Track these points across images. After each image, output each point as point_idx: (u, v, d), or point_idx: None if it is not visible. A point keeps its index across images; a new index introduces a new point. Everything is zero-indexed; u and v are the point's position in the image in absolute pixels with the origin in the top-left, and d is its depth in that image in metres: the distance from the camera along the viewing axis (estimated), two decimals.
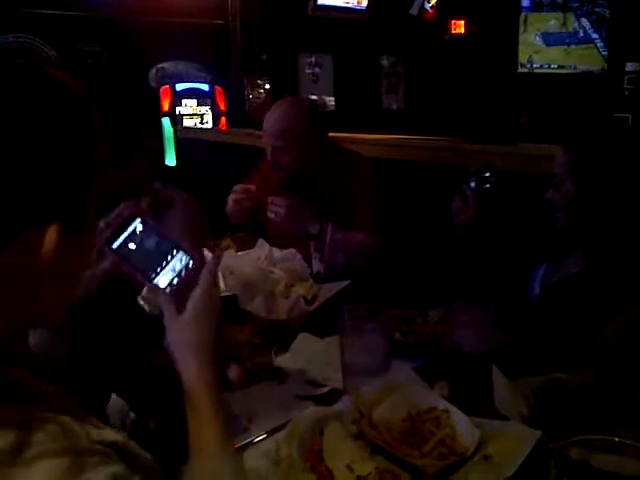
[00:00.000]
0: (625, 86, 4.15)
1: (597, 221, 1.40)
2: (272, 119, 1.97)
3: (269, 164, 2.01)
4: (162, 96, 4.80)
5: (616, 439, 0.78)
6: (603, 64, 6.60)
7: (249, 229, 2.07)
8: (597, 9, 6.54)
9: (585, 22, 6.62)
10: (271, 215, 1.90)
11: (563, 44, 6.59)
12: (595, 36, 6.62)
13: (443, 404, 1.03)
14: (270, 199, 1.91)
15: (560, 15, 6.54)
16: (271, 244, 1.79)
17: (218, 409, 0.75)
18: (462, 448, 0.94)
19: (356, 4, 5.25)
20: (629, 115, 4.03)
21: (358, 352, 1.18)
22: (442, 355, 1.15)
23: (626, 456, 0.78)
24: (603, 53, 6.61)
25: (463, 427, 0.97)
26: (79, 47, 4.46)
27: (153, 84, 4.79)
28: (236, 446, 1.01)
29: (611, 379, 1.04)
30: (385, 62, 5.73)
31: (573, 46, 6.58)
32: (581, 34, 6.65)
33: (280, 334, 1.41)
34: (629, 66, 4.21)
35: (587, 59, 6.67)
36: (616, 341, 1.17)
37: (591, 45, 6.63)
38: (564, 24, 6.58)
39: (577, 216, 1.42)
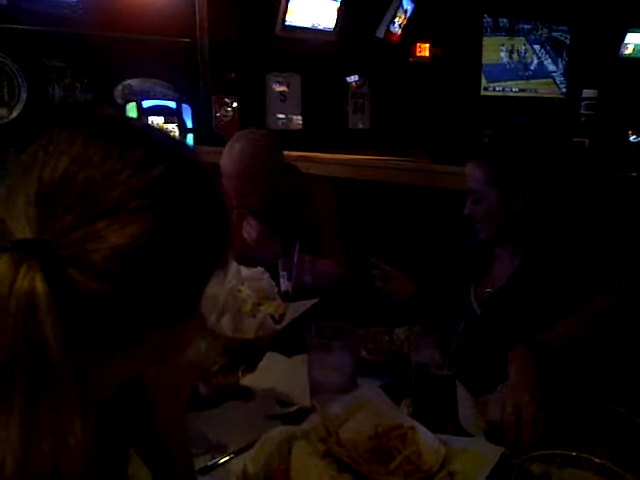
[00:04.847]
0: (582, 112, 4.32)
1: (521, 221, 1.46)
2: (230, 164, 1.91)
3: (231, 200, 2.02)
4: (128, 113, 4.74)
5: (574, 453, 0.81)
6: (562, 93, 6.82)
7: None
8: (555, 34, 6.72)
9: (541, 52, 6.81)
10: (245, 235, 1.96)
11: (520, 79, 6.78)
12: (553, 68, 6.82)
13: (409, 421, 1.04)
14: (248, 218, 1.97)
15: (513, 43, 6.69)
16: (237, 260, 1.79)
17: (188, 451, 0.76)
18: (427, 465, 0.95)
19: (323, 25, 5.33)
20: (586, 140, 4.19)
21: (325, 370, 1.19)
22: (408, 373, 1.17)
23: (585, 470, 0.81)
24: (561, 86, 6.84)
25: (429, 444, 0.98)
26: (42, 62, 4.39)
27: (119, 100, 4.74)
28: (203, 466, 1.01)
29: (571, 394, 1.07)
30: (352, 83, 5.81)
31: (532, 81, 6.78)
32: (536, 66, 6.82)
33: (247, 353, 1.41)
34: (586, 93, 4.39)
35: (546, 88, 6.89)
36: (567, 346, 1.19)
37: (549, 80, 6.85)
38: (520, 56, 6.75)
39: (501, 223, 1.47)
